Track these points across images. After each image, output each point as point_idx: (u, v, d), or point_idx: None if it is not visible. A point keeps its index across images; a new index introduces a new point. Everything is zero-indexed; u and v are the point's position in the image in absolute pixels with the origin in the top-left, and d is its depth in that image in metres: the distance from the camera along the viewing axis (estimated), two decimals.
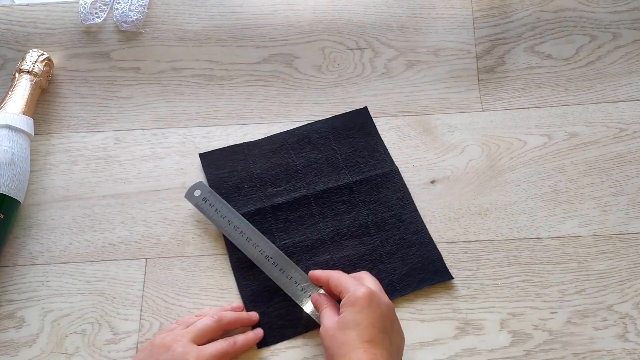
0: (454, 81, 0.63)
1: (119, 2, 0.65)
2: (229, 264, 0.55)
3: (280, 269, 0.53)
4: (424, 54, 0.64)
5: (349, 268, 0.54)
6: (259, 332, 0.52)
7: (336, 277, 0.49)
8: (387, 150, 0.60)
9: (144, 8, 0.65)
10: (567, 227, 0.56)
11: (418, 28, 0.65)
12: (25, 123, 0.58)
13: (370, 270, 0.53)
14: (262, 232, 0.55)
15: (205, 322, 0.49)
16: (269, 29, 0.65)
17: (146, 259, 0.56)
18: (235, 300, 0.54)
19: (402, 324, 0.47)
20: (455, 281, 0.54)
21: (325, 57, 0.64)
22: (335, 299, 0.50)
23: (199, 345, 0.48)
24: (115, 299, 0.54)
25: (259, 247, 0.54)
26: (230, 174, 0.59)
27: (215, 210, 0.56)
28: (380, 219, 0.57)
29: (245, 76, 0.64)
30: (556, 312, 0.52)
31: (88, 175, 0.60)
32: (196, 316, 0.51)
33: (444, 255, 0.55)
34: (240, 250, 0.54)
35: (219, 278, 0.55)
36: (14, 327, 0.53)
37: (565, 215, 0.56)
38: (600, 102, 0.61)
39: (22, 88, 0.60)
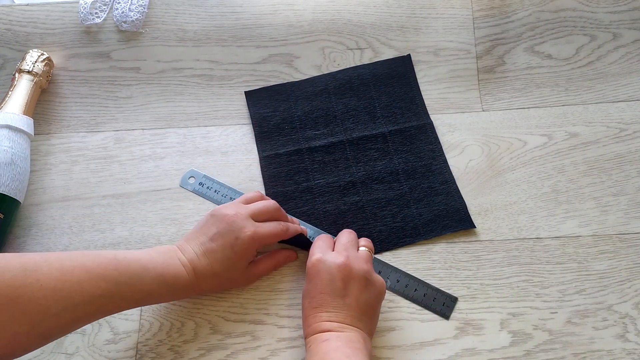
0: (454, 81, 0.63)
1: (119, 2, 0.65)
2: None
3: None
4: (424, 54, 0.64)
5: (377, 210, 0.57)
6: (306, 231, 0.55)
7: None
8: (423, 103, 0.62)
9: (144, 8, 0.65)
10: (567, 227, 0.56)
11: (418, 28, 0.65)
12: (25, 123, 0.58)
13: (397, 214, 0.57)
14: (297, 172, 0.58)
15: (266, 203, 0.53)
16: (269, 29, 0.65)
17: None
18: (236, 300, 0.54)
19: (402, 323, 0.47)
20: (456, 281, 0.54)
21: (325, 57, 0.64)
22: None
23: (255, 222, 0.51)
24: None
25: None
26: (272, 113, 0.61)
27: (215, 192, 0.58)
28: (410, 167, 0.59)
29: (245, 76, 0.64)
30: (556, 312, 0.52)
31: (88, 175, 0.60)
32: (251, 196, 0.54)
33: (444, 254, 0.55)
34: None
35: None
36: None
37: (565, 215, 0.56)
38: (600, 102, 0.61)
39: (22, 88, 0.60)
